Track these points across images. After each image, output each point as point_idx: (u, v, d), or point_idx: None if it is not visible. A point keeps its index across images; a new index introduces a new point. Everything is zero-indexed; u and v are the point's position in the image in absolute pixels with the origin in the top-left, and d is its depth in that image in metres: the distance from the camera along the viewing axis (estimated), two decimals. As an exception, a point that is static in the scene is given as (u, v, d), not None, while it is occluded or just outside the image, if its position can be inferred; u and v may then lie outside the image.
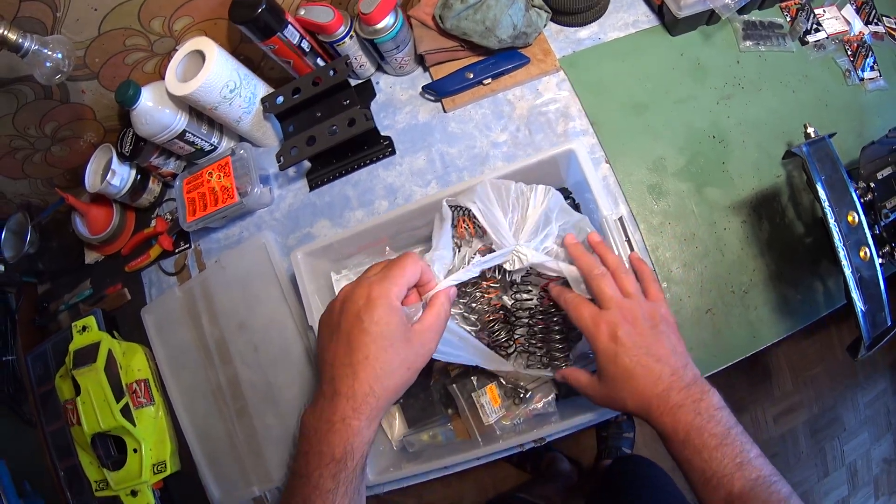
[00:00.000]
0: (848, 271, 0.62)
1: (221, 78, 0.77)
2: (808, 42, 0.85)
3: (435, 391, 0.74)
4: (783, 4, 0.87)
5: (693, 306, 0.76)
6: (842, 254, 0.62)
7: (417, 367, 0.48)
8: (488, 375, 0.73)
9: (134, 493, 0.90)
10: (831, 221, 0.63)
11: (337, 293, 0.74)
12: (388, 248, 0.75)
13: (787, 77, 0.83)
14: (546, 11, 0.84)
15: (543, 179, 0.73)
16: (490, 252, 0.61)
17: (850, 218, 0.64)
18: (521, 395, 0.72)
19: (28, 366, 1.03)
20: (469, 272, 0.57)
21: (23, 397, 1.04)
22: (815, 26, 0.86)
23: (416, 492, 1.47)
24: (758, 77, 0.84)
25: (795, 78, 0.83)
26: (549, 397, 0.72)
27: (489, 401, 0.71)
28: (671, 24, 0.85)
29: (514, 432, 0.71)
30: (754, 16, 0.87)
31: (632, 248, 0.66)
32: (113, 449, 0.93)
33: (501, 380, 0.73)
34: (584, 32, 0.87)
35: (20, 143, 0.90)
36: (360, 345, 0.45)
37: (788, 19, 0.86)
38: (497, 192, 0.62)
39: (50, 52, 0.68)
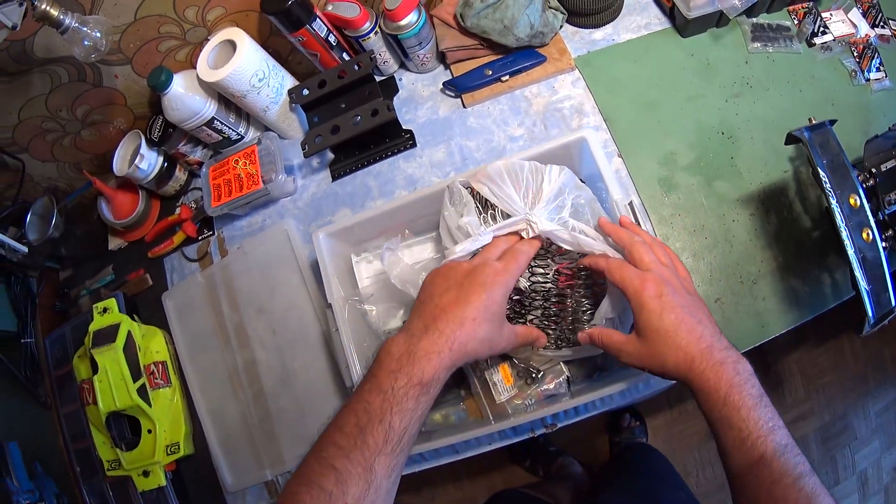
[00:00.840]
0: (851, 251, 0.63)
1: (251, 66, 0.80)
2: (815, 44, 0.87)
3: (449, 371, 0.75)
4: (791, 8, 0.89)
5: (703, 295, 0.77)
6: (844, 234, 0.63)
7: (495, 351, 0.55)
8: (501, 355, 0.74)
9: (146, 474, 0.91)
10: (833, 203, 0.64)
11: (358, 278, 0.78)
12: (406, 231, 0.77)
13: (795, 77, 0.86)
14: (562, 13, 0.87)
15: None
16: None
17: (851, 201, 0.65)
18: (533, 376, 0.73)
19: (46, 348, 1.04)
20: (479, 240, 0.59)
21: (39, 380, 1.06)
22: (821, 29, 0.88)
23: (429, 493, 1.47)
24: (766, 77, 0.86)
25: (802, 78, 0.85)
26: (561, 378, 0.73)
27: (501, 379, 0.72)
28: (682, 26, 0.87)
29: (525, 412, 0.72)
30: (762, 18, 0.89)
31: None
32: (127, 430, 0.94)
33: (514, 359, 0.74)
34: (598, 34, 0.90)
35: (51, 126, 0.93)
36: (474, 307, 0.51)
37: (796, 22, 0.89)
38: (510, 172, 0.63)
39: (89, 31, 0.71)
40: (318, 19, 0.80)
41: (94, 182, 0.94)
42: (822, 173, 0.66)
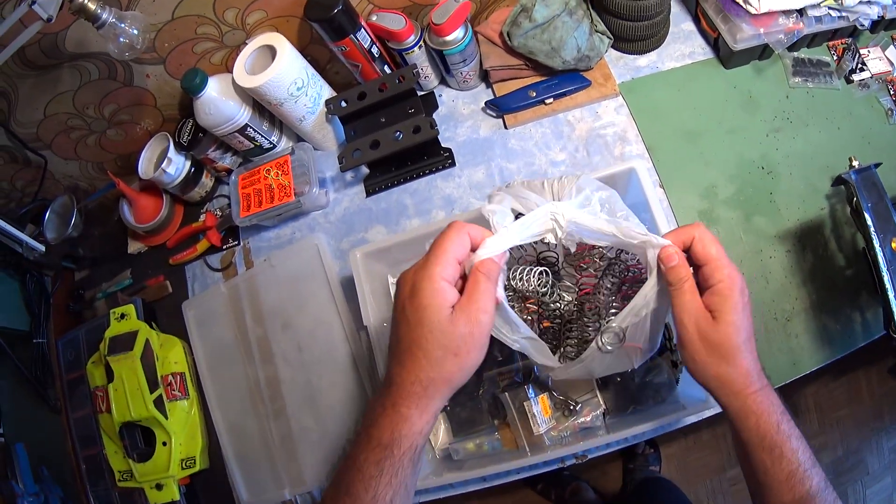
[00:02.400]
0: (892, 294, 0.62)
1: (291, 74, 0.75)
2: (853, 80, 0.85)
3: (483, 400, 0.71)
4: (830, 43, 0.87)
5: None
6: (886, 278, 0.62)
7: (469, 349, 0.41)
8: (540, 386, 0.70)
9: (159, 487, 0.86)
10: (876, 246, 0.63)
11: (394, 296, 0.73)
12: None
13: (833, 114, 0.83)
14: (608, 37, 0.83)
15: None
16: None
17: (893, 245, 0.64)
18: (571, 408, 0.70)
19: (58, 350, 0.99)
20: (506, 239, 0.46)
21: (50, 382, 1.00)
22: (860, 66, 0.86)
23: None
24: (805, 112, 0.83)
25: (840, 115, 0.83)
26: (598, 412, 0.70)
27: (541, 411, 0.68)
28: (726, 57, 0.84)
29: (561, 444, 0.68)
30: (803, 53, 0.87)
31: None
32: (140, 440, 0.88)
33: (553, 391, 0.70)
34: (642, 60, 0.87)
35: (77, 123, 0.87)
36: (405, 333, 0.41)
37: (835, 58, 0.86)
38: (529, 185, 0.54)
39: (126, 27, 0.66)
40: (362, 29, 0.76)
41: (117, 183, 0.89)
42: (867, 216, 0.64)
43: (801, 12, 0.79)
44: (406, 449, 0.41)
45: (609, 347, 0.52)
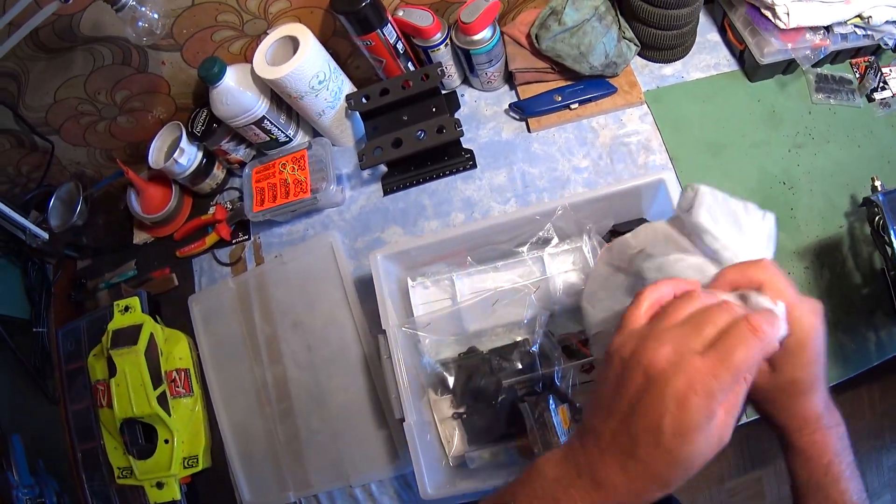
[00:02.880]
0: None
1: (313, 67, 0.72)
2: (874, 99, 0.83)
3: (502, 409, 0.68)
4: (853, 61, 0.86)
5: None
6: None
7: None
8: (560, 396, 0.68)
9: (160, 486, 0.82)
10: None
11: (413, 303, 0.71)
12: (469, 259, 0.70)
13: (854, 132, 0.82)
14: (636, 45, 0.81)
15: (622, 208, 0.71)
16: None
17: None
18: None
19: (58, 340, 0.95)
20: None
21: (48, 372, 0.96)
22: (882, 84, 0.84)
23: None
24: (827, 129, 0.82)
25: (861, 133, 0.82)
26: None
27: (560, 421, 0.66)
28: (751, 70, 0.83)
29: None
30: (826, 69, 0.85)
31: None
32: (141, 437, 0.85)
33: (573, 402, 0.68)
34: (668, 69, 0.85)
35: (87, 109, 0.84)
36: (655, 471, 0.32)
37: (857, 76, 0.85)
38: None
39: (146, 11, 0.62)
40: (389, 24, 0.73)
41: (126, 172, 0.85)
42: (894, 239, 0.64)
43: (827, 29, 0.78)
44: None
45: None
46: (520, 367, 0.69)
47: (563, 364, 0.68)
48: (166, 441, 0.83)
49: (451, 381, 0.69)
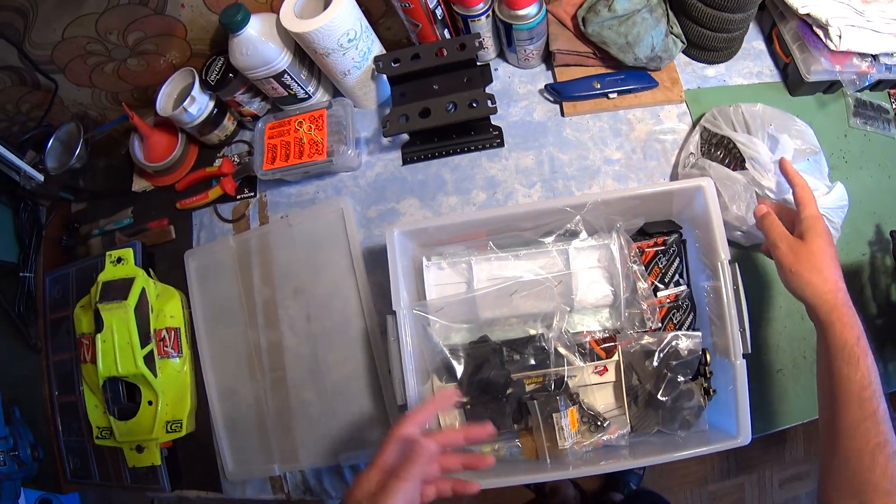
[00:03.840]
0: None
1: (345, 24, 0.66)
2: None
3: (508, 403, 0.64)
4: (892, 91, 0.82)
5: (766, 363, 0.72)
6: None
7: None
8: (570, 397, 0.64)
9: (139, 449, 0.77)
10: None
11: (426, 284, 0.66)
12: (490, 244, 0.65)
13: (886, 161, 0.79)
14: (682, 42, 0.76)
15: (655, 208, 0.67)
16: None
17: None
18: (598, 424, 0.64)
19: (45, 286, 0.89)
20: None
21: (32, 320, 0.90)
22: None
23: None
24: (860, 155, 0.79)
25: (893, 164, 0.79)
26: (624, 430, 0.64)
27: (569, 424, 0.62)
28: (794, 84, 0.78)
29: (582, 460, 0.62)
30: (865, 95, 0.82)
31: (739, 296, 0.60)
32: (123, 396, 0.79)
33: (582, 403, 0.64)
34: (711, 70, 0.80)
35: (96, 49, 0.76)
36: None
37: (894, 106, 0.81)
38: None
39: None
40: (430, -14, 0.67)
41: (131, 116, 0.78)
42: None
43: (875, 57, 0.74)
44: None
45: None
46: (532, 362, 0.64)
47: (577, 364, 0.65)
48: (150, 403, 0.77)
49: (459, 369, 0.64)
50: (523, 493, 1.34)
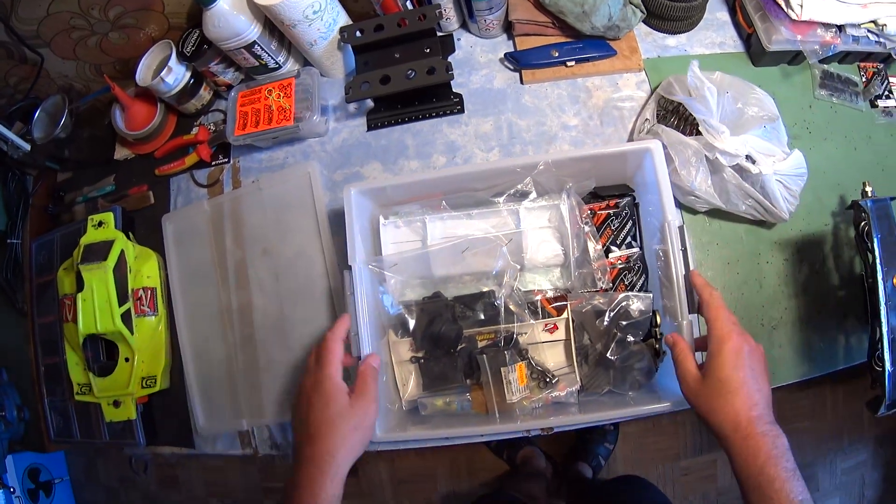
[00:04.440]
0: (885, 329, 0.59)
1: (309, -5, 0.69)
2: (877, 105, 0.79)
3: (459, 358, 0.65)
4: (861, 64, 0.81)
5: None
6: (882, 312, 0.59)
7: (365, 425, 0.53)
8: (519, 353, 0.65)
9: (116, 404, 0.80)
10: (879, 279, 0.60)
11: (383, 242, 0.68)
12: (444, 202, 0.67)
13: (852, 133, 0.78)
14: (641, 11, 0.76)
15: (606, 171, 0.67)
16: None
17: (895, 281, 0.60)
18: (548, 380, 0.65)
19: (32, 252, 0.92)
20: None
21: (19, 285, 0.93)
22: (887, 92, 0.80)
23: (389, 457, 1.38)
24: (825, 126, 0.78)
25: (859, 136, 0.78)
26: (573, 388, 0.65)
27: (516, 378, 0.63)
28: (756, 54, 0.78)
29: (531, 416, 0.64)
30: (833, 67, 0.81)
31: (687, 260, 0.61)
32: (103, 354, 0.82)
33: (532, 360, 0.65)
34: (671, 41, 0.80)
35: (79, 23, 0.79)
36: (314, 419, 0.52)
37: (863, 80, 0.81)
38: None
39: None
40: (390, -42, 0.69)
41: (112, 87, 0.81)
42: (876, 247, 0.61)
43: (840, 28, 0.74)
44: None
45: None
46: (482, 318, 0.66)
47: (527, 321, 0.66)
48: (127, 359, 0.80)
49: (411, 323, 0.66)
50: (499, 464, 1.35)
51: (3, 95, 0.94)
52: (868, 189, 0.65)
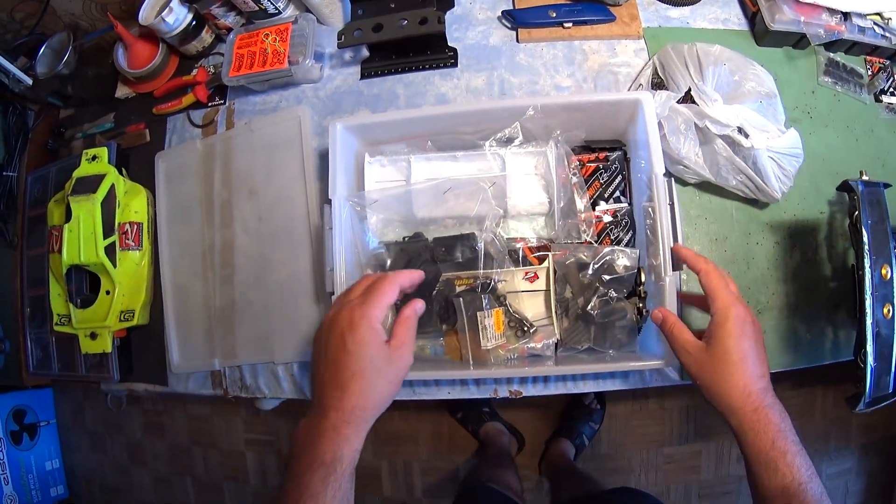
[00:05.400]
0: (869, 321, 0.55)
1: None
2: (881, 100, 0.76)
3: (436, 302, 0.62)
4: (868, 58, 0.79)
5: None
6: (868, 302, 0.56)
7: (399, 379, 0.47)
8: (497, 299, 0.63)
9: (93, 336, 0.78)
10: (867, 266, 0.56)
11: (367, 180, 0.66)
12: (429, 143, 0.65)
13: (854, 124, 0.75)
14: (644, -24, 0.75)
15: (596, 124, 0.65)
16: None
17: (883, 271, 0.57)
18: (525, 329, 0.62)
19: (27, 185, 0.91)
20: None
21: (12, 217, 0.93)
22: (892, 88, 0.77)
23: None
24: (828, 113, 0.75)
25: (861, 128, 0.75)
26: (551, 340, 0.62)
27: (492, 324, 0.60)
28: (760, 33, 0.75)
29: (505, 365, 0.61)
30: (839, 56, 0.78)
31: (674, 215, 0.58)
32: (86, 286, 0.80)
33: (509, 307, 0.63)
34: (674, 12, 0.77)
35: None
36: (346, 364, 0.45)
37: (869, 73, 0.78)
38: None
39: None
40: None
41: (115, 26, 0.80)
42: (865, 233, 0.58)
43: (846, 16, 0.72)
44: (346, 466, 0.43)
45: None
46: (461, 261, 0.63)
47: (507, 268, 0.64)
48: (108, 292, 0.78)
49: (388, 262, 0.64)
50: (459, 428, 1.31)
51: (8, 30, 0.93)
52: (865, 177, 0.61)
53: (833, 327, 0.69)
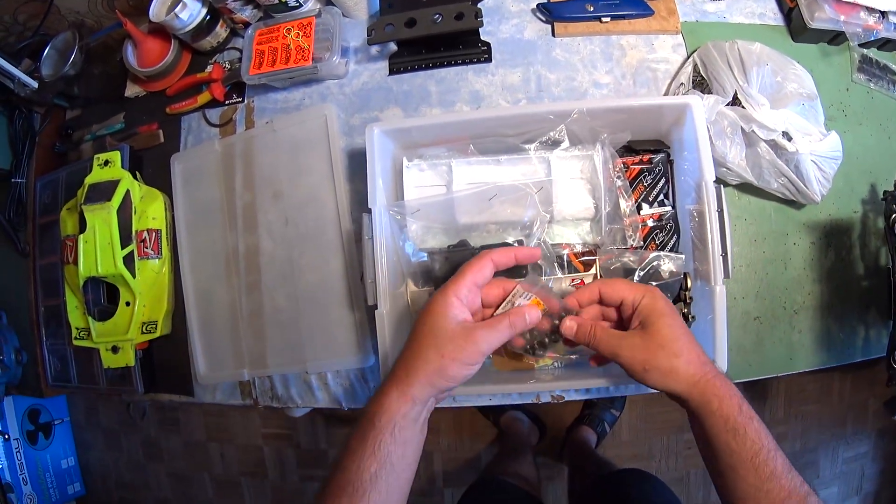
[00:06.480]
0: None
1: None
2: None
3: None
4: None
5: (743, 309, 0.66)
6: None
7: (451, 358, 0.42)
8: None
9: (115, 350, 0.72)
10: None
11: (405, 185, 0.60)
12: (471, 147, 0.59)
13: (888, 122, 0.72)
14: (681, -32, 0.70)
15: (641, 125, 0.60)
16: None
17: None
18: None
19: (36, 191, 0.84)
20: None
21: (22, 225, 0.86)
22: None
23: None
24: (861, 111, 0.72)
25: (894, 126, 0.72)
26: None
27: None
28: (797, 30, 0.71)
29: (554, 376, 0.57)
30: (872, 53, 0.74)
31: (723, 222, 0.54)
32: (104, 297, 0.74)
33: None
34: (711, 6, 0.72)
35: None
36: (411, 334, 0.44)
37: None
38: None
39: None
40: None
41: (124, 23, 0.73)
42: None
43: (883, 14, 0.68)
44: (386, 422, 0.41)
45: None
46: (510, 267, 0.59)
47: (554, 275, 0.59)
48: (127, 304, 0.72)
49: (436, 271, 0.59)
50: (492, 430, 1.27)
51: (11, 33, 0.85)
52: (906, 183, 0.58)
53: (865, 326, 0.68)
